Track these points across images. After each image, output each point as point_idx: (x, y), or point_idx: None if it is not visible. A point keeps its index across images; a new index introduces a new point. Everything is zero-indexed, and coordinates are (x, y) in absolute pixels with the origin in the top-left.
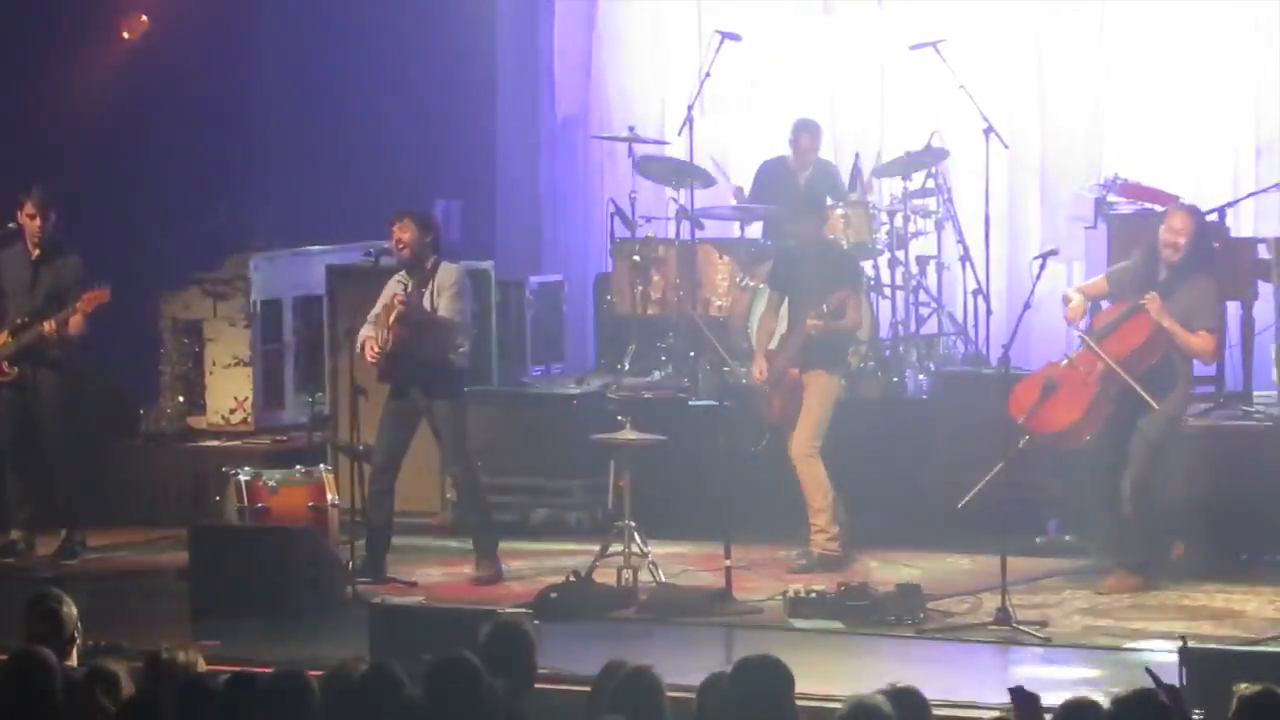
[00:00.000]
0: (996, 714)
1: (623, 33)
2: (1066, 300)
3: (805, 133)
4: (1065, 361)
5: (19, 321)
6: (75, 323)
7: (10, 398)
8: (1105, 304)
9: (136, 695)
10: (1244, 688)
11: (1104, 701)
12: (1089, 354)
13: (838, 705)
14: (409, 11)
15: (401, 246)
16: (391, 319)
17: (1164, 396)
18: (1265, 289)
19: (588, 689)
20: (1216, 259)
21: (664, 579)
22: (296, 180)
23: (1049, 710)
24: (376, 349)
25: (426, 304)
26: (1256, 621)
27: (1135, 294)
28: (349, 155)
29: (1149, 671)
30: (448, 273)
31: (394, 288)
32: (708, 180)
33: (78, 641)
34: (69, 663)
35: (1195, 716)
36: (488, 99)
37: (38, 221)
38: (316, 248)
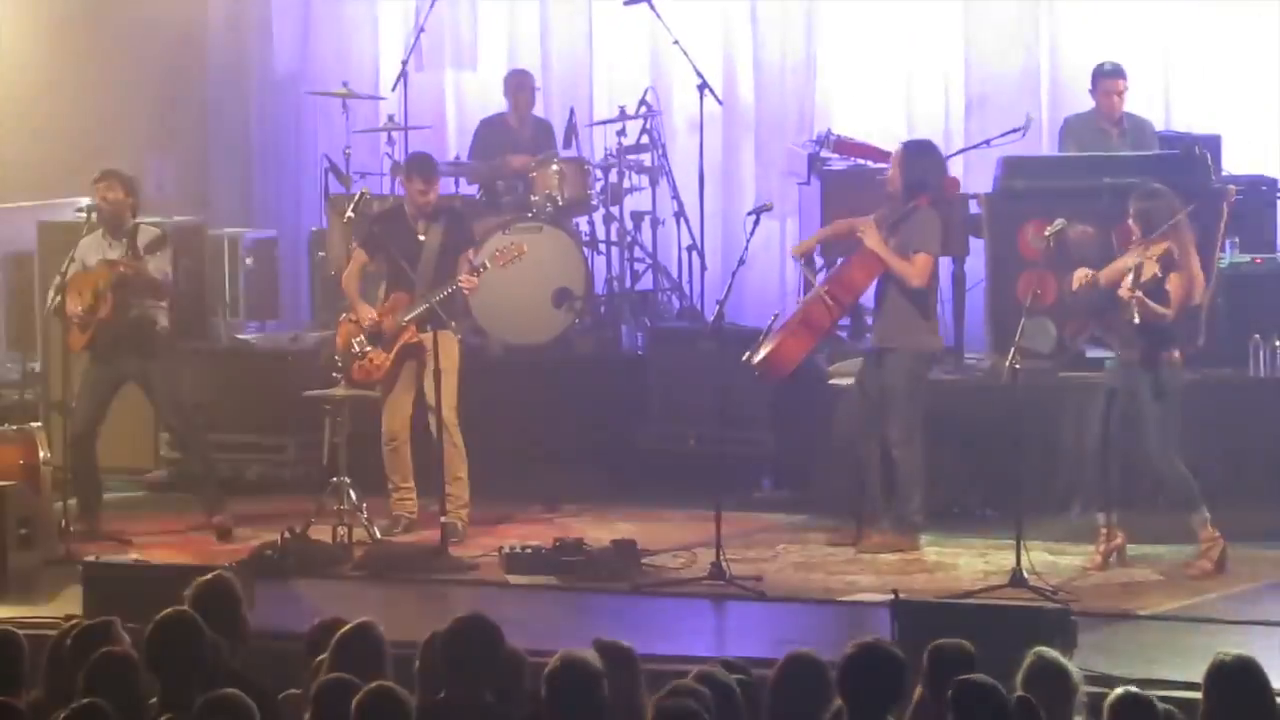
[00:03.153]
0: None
1: None
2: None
3: (520, 83)
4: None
5: None
6: None
7: None
8: None
9: None
10: (938, 644)
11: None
12: (813, 293)
13: (549, 660)
14: None
15: (105, 204)
16: (108, 283)
17: (886, 329)
18: (976, 245)
19: (304, 645)
20: (939, 190)
21: (378, 535)
22: (6, 134)
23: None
24: (80, 311)
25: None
26: (968, 574)
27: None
28: (58, 109)
29: None
30: (149, 233)
31: (93, 248)
32: (422, 129)
33: None
34: None
35: None
36: (197, 52)
37: None
38: (27, 204)
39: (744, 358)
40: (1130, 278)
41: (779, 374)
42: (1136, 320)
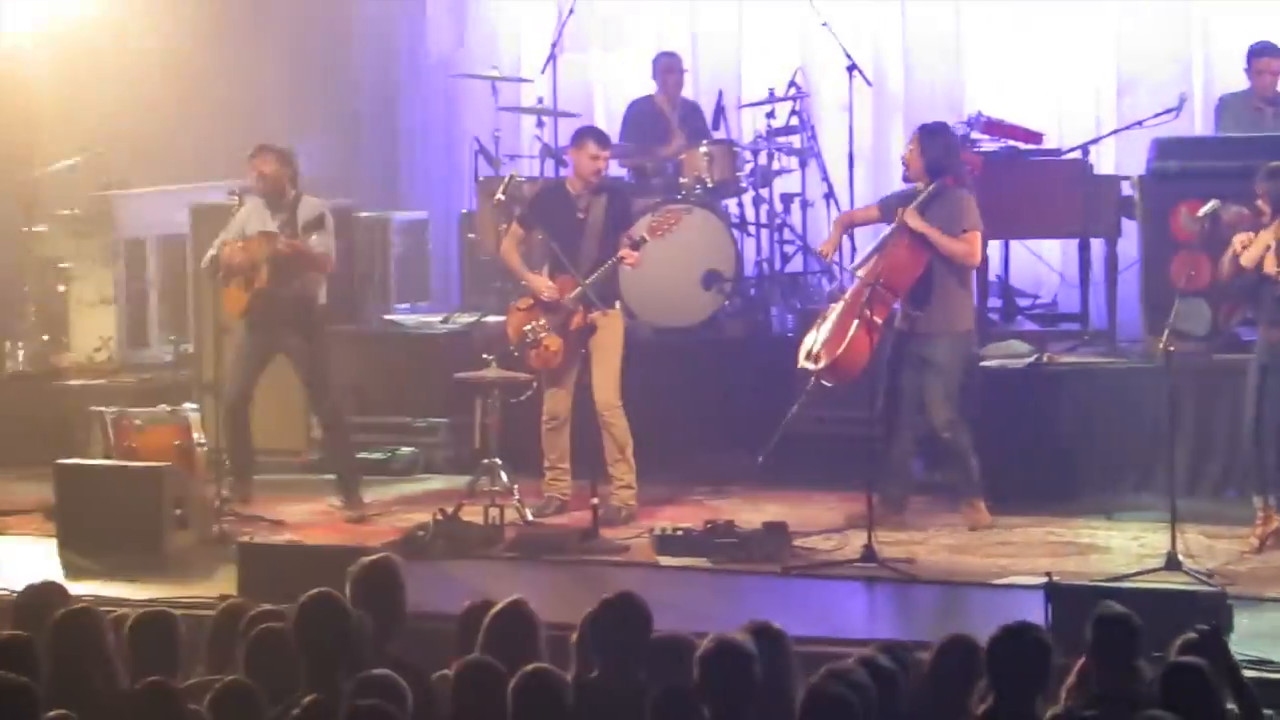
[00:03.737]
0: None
1: None
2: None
3: (669, 65)
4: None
5: None
6: None
7: None
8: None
9: (11, 634)
10: (1105, 606)
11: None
12: (857, 285)
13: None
14: None
15: (261, 179)
16: (264, 255)
17: (935, 314)
18: (1129, 226)
19: (456, 627)
20: (959, 169)
21: (530, 517)
22: (159, 118)
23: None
24: (240, 283)
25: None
26: (1121, 557)
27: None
28: (209, 93)
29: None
30: (313, 207)
31: (253, 218)
32: (571, 116)
33: None
34: None
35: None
36: (345, 36)
37: None
38: (180, 187)
39: (802, 365)
40: (1272, 256)
41: (850, 375)
42: None
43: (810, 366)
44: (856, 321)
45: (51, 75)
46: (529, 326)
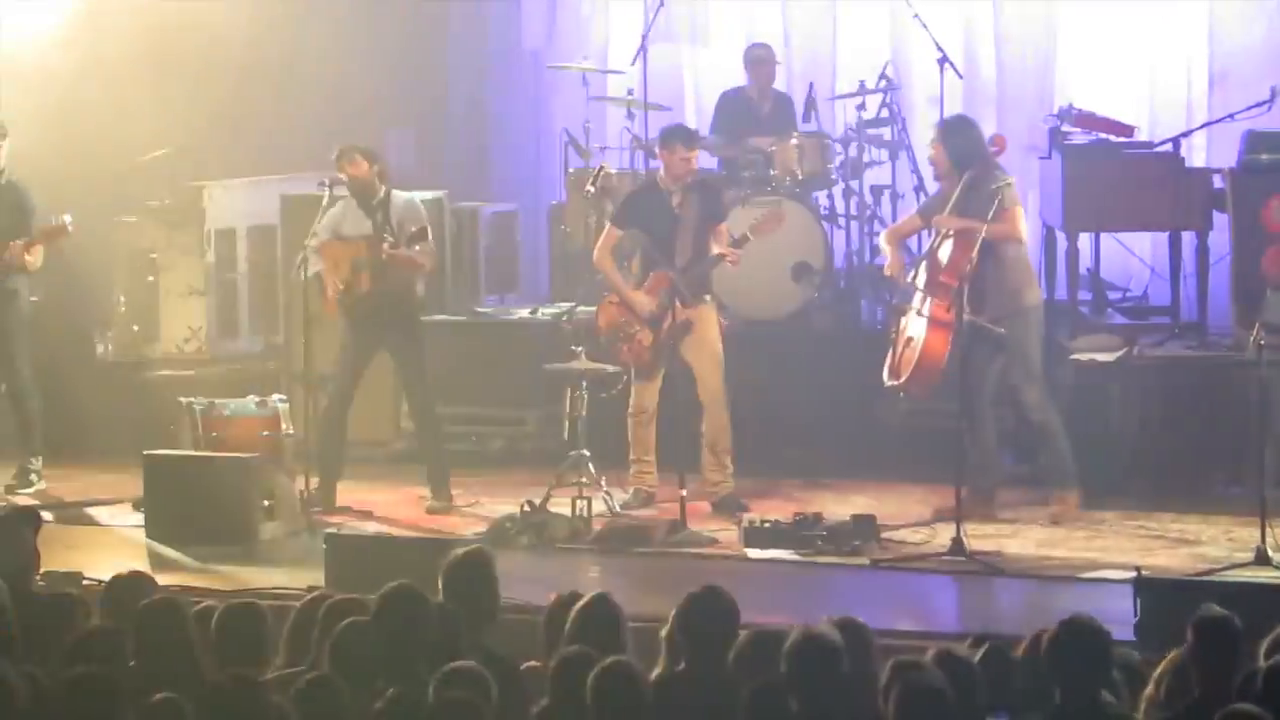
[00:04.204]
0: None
1: None
2: (881, 252)
3: (762, 57)
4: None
5: None
6: (34, 253)
7: None
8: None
9: (100, 623)
10: (1206, 608)
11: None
12: (918, 295)
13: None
14: None
15: (352, 181)
16: (367, 260)
17: (997, 298)
18: (1220, 220)
19: (544, 619)
20: (987, 156)
21: (618, 509)
22: (249, 108)
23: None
24: (340, 286)
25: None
26: (1211, 551)
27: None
28: (300, 83)
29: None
30: (408, 204)
31: (348, 218)
32: (662, 109)
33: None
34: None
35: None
36: (437, 28)
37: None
38: (270, 177)
39: (888, 384)
40: None
41: (933, 380)
42: None
43: (894, 383)
44: (925, 327)
45: (142, 65)
46: (623, 320)
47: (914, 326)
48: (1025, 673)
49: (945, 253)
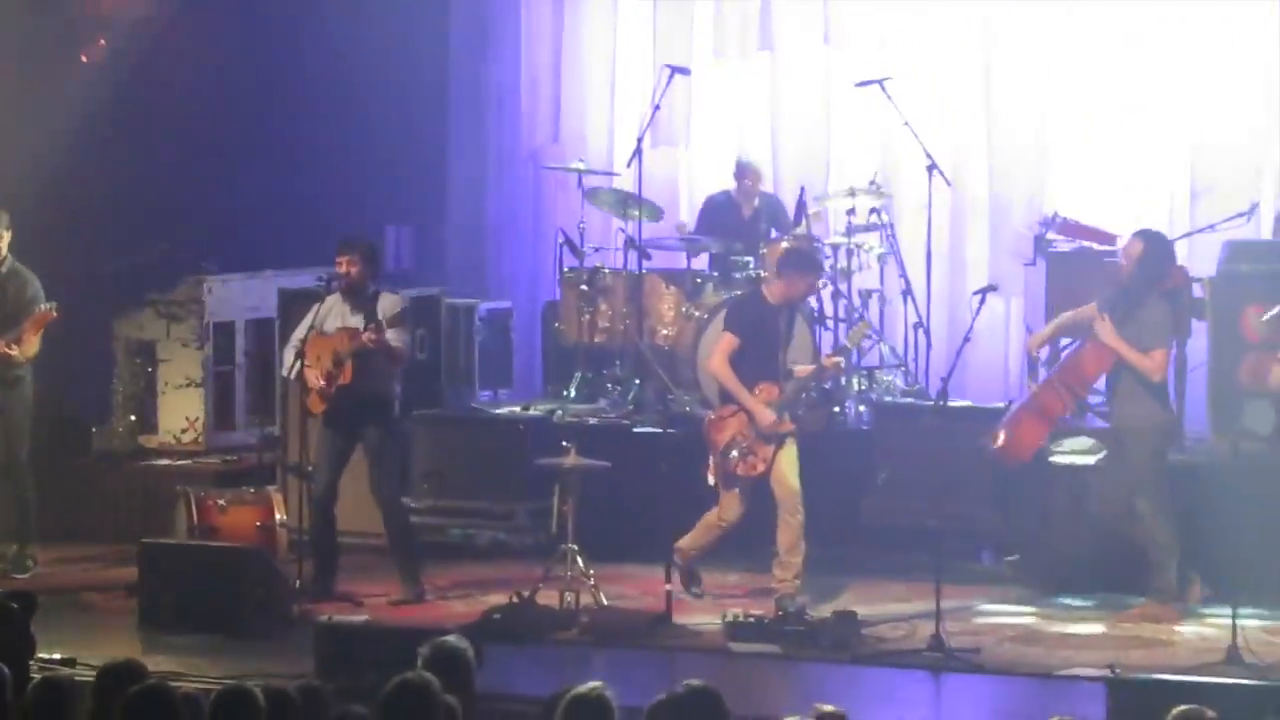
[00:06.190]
0: None
1: (582, 68)
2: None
3: (748, 174)
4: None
5: None
6: (29, 341)
7: None
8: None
9: (91, 708)
10: (1178, 711)
11: None
12: (1046, 379)
13: None
14: (361, 41)
15: (348, 276)
16: (349, 351)
17: (1119, 408)
18: (1199, 327)
19: (532, 709)
20: (1170, 284)
21: (605, 602)
22: (250, 203)
23: None
24: (321, 380)
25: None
26: (1185, 652)
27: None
28: (301, 179)
29: None
30: (392, 302)
31: (333, 313)
32: (655, 212)
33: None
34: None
35: None
36: (438, 127)
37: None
38: (269, 271)
39: (982, 443)
40: None
41: (1018, 459)
42: None
43: (988, 444)
44: (1035, 412)
45: (145, 161)
46: (744, 433)
47: (1026, 405)
48: None
49: (1086, 355)
